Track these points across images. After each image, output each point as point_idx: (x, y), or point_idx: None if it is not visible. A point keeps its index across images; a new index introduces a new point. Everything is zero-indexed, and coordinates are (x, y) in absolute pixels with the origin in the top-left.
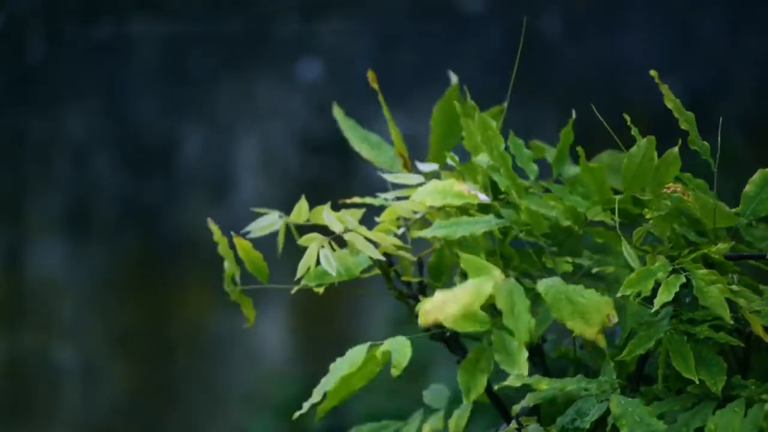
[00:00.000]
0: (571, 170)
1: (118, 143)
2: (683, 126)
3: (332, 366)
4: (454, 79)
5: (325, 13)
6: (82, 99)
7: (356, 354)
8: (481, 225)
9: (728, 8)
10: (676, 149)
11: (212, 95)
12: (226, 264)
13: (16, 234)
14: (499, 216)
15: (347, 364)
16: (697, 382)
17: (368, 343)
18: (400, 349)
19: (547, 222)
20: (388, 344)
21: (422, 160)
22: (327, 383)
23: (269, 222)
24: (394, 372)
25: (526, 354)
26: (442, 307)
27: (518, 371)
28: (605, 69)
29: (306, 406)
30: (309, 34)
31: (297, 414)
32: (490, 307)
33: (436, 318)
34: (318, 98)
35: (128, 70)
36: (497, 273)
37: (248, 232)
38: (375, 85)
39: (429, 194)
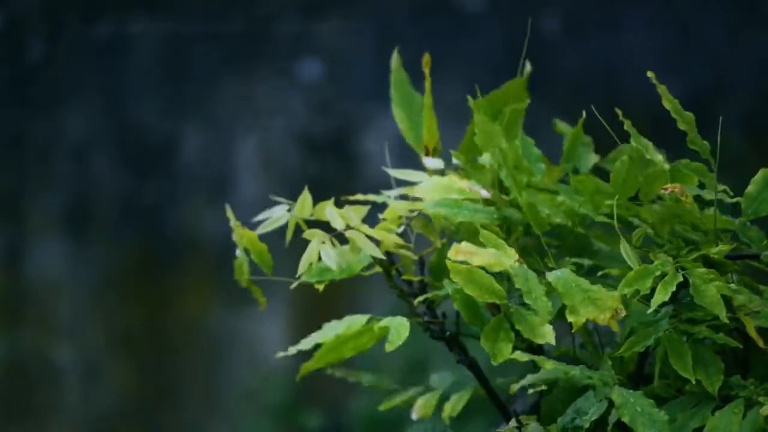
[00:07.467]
0: (588, 163)
1: (118, 143)
2: (681, 126)
3: (326, 324)
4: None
5: (325, 13)
6: (82, 99)
7: (354, 321)
8: (481, 215)
9: (728, 8)
10: (662, 164)
11: (212, 95)
12: (238, 252)
13: (16, 234)
14: (500, 211)
15: (343, 326)
16: (694, 382)
17: (368, 315)
18: (398, 327)
19: (549, 221)
20: (387, 321)
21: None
22: (318, 337)
23: (277, 216)
24: (388, 347)
25: (550, 326)
26: (471, 254)
27: (544, 340)
28: (605, 69)
29: (292, 350)
30: (309, 34)
31: (279, 354)
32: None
33: (465, 257)
34: (318, 98)
35: (128, 70)
36: (514, 253)
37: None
38: (427, 70)
39: (431, 190)
